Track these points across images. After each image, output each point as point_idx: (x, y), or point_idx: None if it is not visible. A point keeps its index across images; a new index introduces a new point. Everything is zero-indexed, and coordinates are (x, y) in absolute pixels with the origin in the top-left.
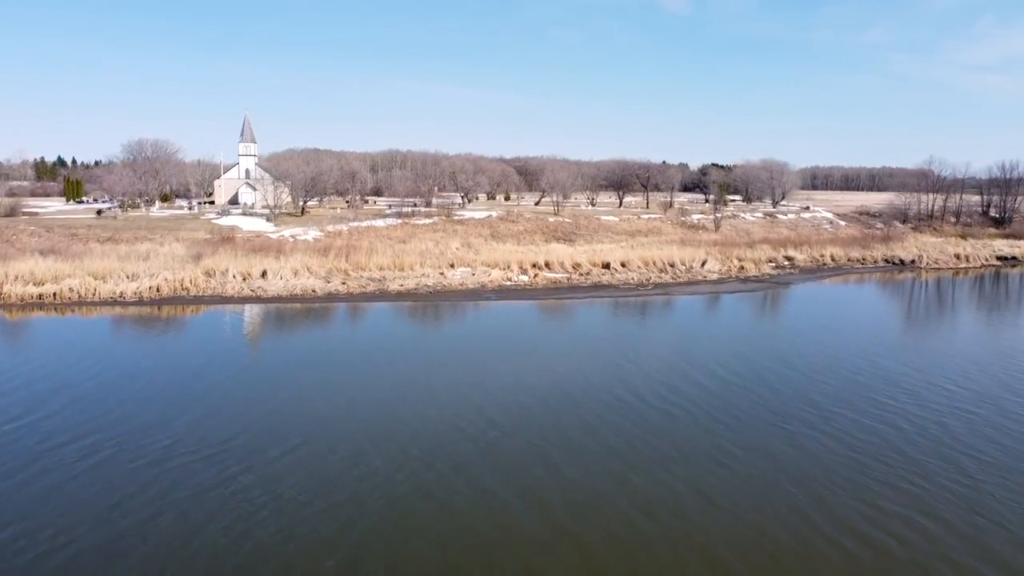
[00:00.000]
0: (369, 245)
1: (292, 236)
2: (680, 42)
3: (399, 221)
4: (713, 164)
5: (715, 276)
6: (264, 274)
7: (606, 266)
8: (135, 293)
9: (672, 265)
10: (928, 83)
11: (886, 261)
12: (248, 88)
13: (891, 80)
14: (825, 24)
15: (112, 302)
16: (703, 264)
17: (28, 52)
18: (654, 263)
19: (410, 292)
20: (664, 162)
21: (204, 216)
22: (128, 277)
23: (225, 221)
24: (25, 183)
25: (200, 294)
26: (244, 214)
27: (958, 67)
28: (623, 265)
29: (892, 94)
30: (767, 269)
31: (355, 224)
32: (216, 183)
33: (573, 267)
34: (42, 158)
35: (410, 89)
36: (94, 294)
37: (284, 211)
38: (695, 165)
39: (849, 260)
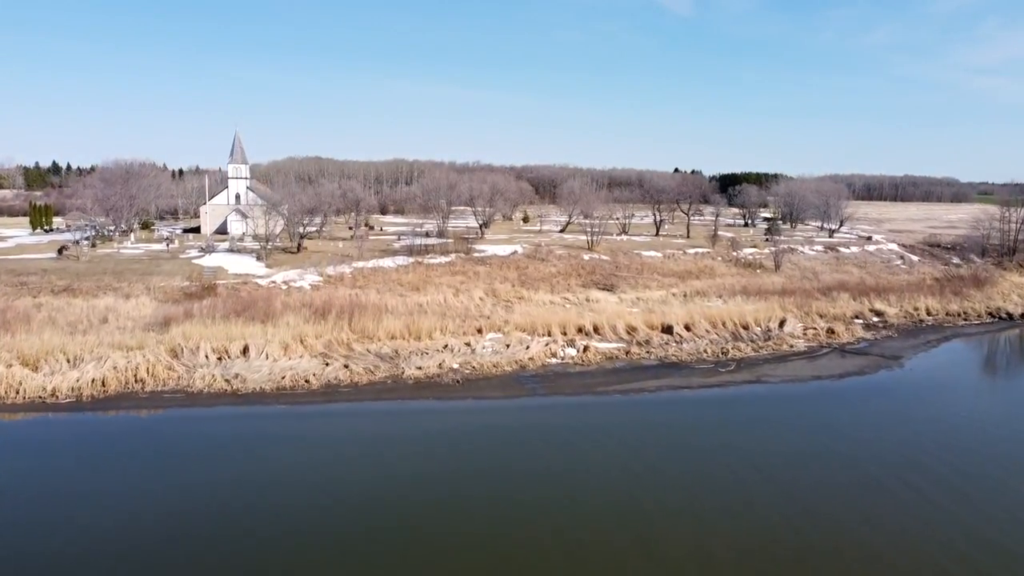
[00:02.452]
0: (377, 299)
1: (285, 282)
2: (684, 44)
3: (411, 260)
4: (732, 174)
5: (802, 343)
6: (246, 351)
7: (667, 330)
8: (72, 390)
9: (746, 327)
10: (932, 85)
11: (990, 315)
12: (247, 93)
13: (895, 82)
14: (829, 26)
15: (40, 404)
16: (781, 324)
17: (23, 53)
18: (723, 324)
19: (431, 380)
20: (676, 169)
21: (184, 254)
22: (69, 361)
23: (208, 261)
24: (10, 193)
25: (159, 388)
26: (231, 250)
27: (962, 69)
28: (688, 328)
29: (895, 96)
30: (860, 331)
31: (360, 265)
32: (202, 210)
33: (628, 332)
34: (36, 163)
35: (412, 91)
36: (18, 391)
37: (279, 244)
38: (707, 171)
39: (948, 314)
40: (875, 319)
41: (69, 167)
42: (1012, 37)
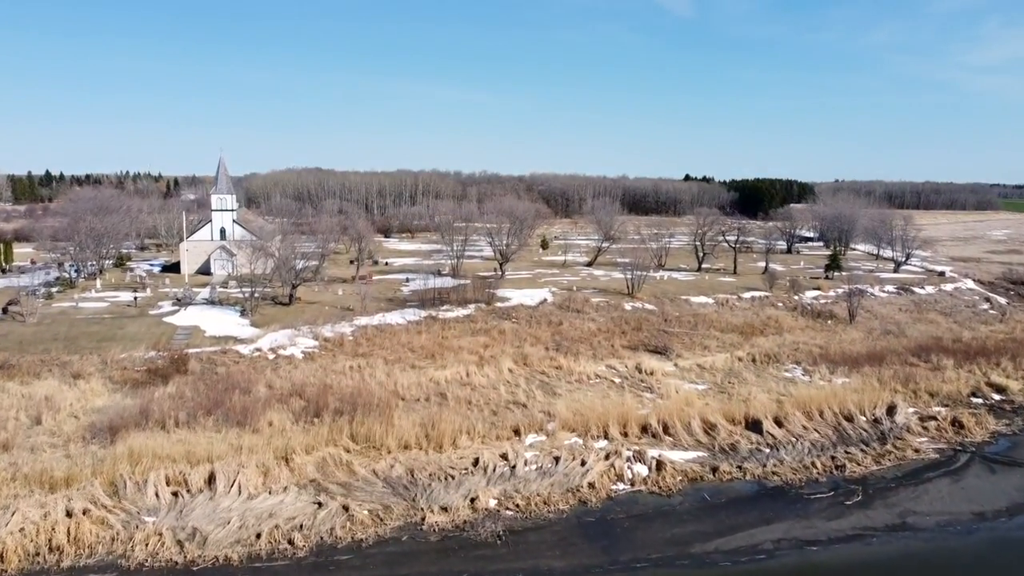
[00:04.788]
0: (385, 376)
1: (273, 349)
2: (685, 45)
3: (423, 315)
4: (745, 180)
5: (927, 444)
6: (212, 479)
7: (754, 426)
8: None
9: (849, 419)
10: (933, 85)
11: None
12: (248, 98)
13: (896, 83)
14: (830, 26)
15: None
16: (890, 412)
17: (17, 57)
18: (820, 413)
19: (461, 531)
20: (688, 176)
21: (156, 309)
22: None
23: (183, 318)
24: None
25: (82, 560)
26: (211, 301)
27: (963, 69)
28: (778, 423)
29: (897, 96)
30: (989, 420)
31: (363, 322)
32: (182, 247)
33: (705, 430)
34: (29, 172)
35: (414, 93)
36: None
37: (268, 289)
38: (717, 176)
39: None
40: (997, 397)
41: (62, 176)
42: (1013, 36)
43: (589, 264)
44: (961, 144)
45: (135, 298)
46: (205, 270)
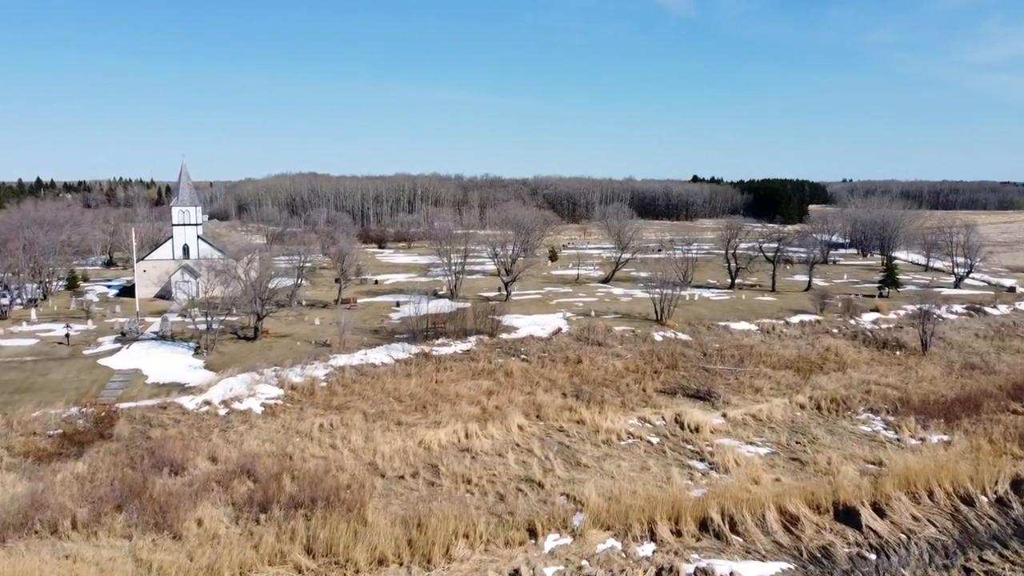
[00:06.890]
0: (362, 439)
1: (226, 401)
2: (686, 46)
3: (414, 351)
4: (752, 180)
5: None
6: None
7: (847, 517)
8: None
9: (968, 501)
10: (934, 83)
11: None
12: (245, 101)
13: (897, 81)
14: (831, 25)
15: None
16: (1016, 489)
17: (13, 63)
18: (929, 493)
19: None
20: (695, 177)
21: (93, 347)
22: None
23: (122, 360)
24: None
25: None
26: (162, 336)
27: (965, 67)
28: (878, 512)
29: (898, 94)
30: None
31: (341, 362)
32: (139, 268)
33: (784, 526)
34: (19, 180)
35: (415, 95)
36: None
37: (233, 317)
38: (725, 176)
39: None
40: None
41: (52, 183)
42: (1014, 34)
43: (605, 280)
44: (965, 142)
45: (67, 334)
46: (166, 294)
